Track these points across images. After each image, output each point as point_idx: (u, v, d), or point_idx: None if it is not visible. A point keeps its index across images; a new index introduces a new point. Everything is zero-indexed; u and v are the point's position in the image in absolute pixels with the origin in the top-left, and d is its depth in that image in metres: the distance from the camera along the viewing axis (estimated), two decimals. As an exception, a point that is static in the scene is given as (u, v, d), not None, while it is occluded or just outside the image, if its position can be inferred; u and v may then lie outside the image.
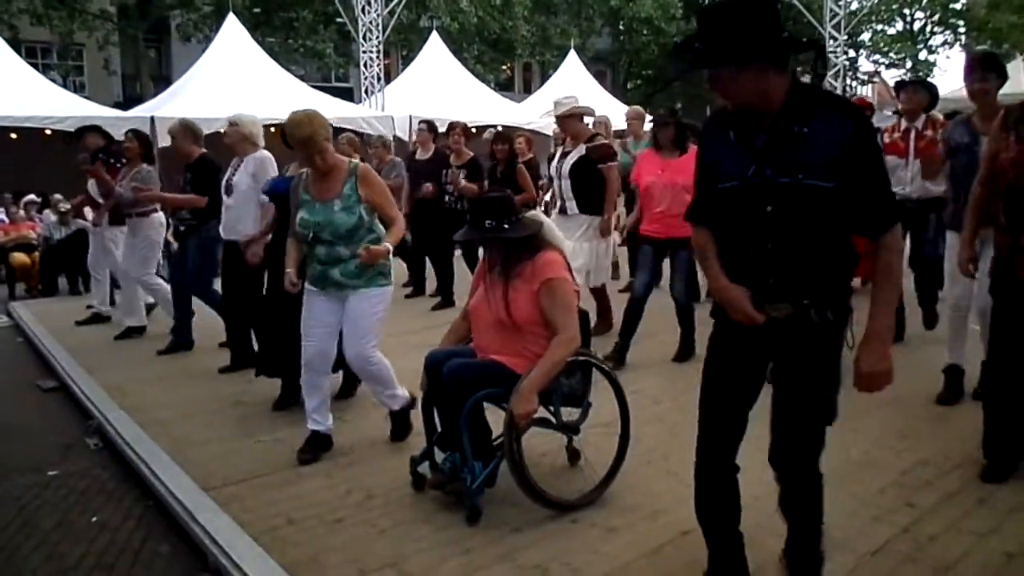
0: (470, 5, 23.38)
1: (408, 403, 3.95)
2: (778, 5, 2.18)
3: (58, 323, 6.99)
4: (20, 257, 9.95)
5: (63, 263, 9.56)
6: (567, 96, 5.94)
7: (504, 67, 28.68)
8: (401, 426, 3.97)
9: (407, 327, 5.93)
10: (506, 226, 3.20)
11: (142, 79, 22.99)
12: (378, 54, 15.97)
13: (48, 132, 11.64)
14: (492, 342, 3.24)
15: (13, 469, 3.96)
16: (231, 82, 12.43)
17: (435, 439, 3.31)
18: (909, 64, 30.22)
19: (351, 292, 3.68)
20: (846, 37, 17.63)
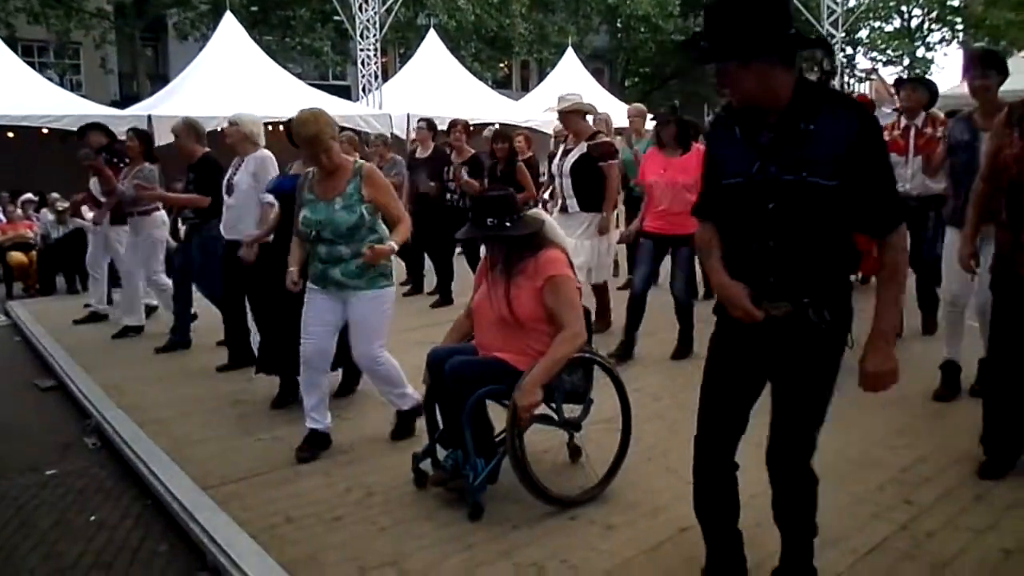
0: (467, 3, 23.40)
1: (416, 405, 3.88)
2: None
3: (56, 322, 6.97)
4: (18, 256, 9.92)
5: (61, 262, 9.52)
6: (571, 92, 5.94)
7: (502, 65, 28.70)
8: (405, 427, 3.96)
9: (407, 324, 5.92)
10: (508, 224, 3.20)
11: (139, 78, 23.01)
12: (375, 52, 15.95)
13: (45, 131, 11.65)
14: (494, 339, 3.24)
15: (11, 468, 3.95)
16: (228, 80, 12.43)
17: (437, 436, 3.32)
18: (906, 61, 30.26)
19: (352, 293, 3.67)
20: (843, 34, 17.61)
